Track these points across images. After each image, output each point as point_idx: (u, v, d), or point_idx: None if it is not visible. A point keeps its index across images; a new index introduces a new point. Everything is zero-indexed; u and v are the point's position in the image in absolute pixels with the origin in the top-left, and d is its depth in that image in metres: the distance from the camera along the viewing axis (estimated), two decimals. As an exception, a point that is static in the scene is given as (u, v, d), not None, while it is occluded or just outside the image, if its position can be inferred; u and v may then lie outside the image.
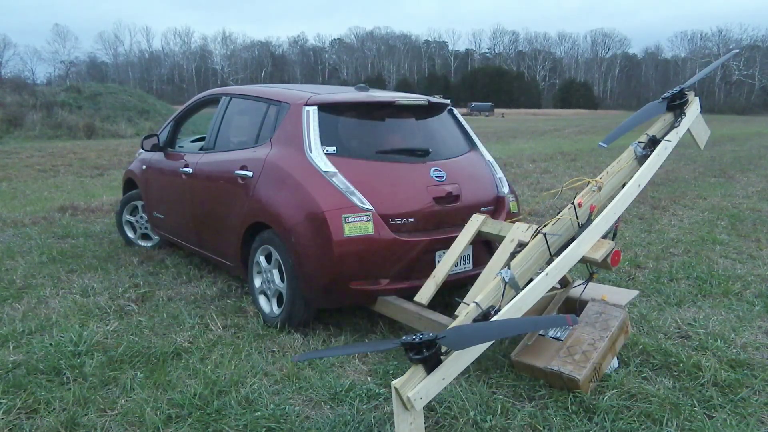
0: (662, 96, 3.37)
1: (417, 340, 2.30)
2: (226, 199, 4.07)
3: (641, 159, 3.21)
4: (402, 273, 3.49)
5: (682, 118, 3.28)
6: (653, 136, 3.25)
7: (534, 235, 2.99)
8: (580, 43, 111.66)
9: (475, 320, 2.49)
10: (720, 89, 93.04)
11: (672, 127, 3.27)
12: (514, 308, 2.56)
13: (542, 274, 2.67)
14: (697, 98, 3.40)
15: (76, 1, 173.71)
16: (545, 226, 2.96)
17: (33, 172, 11.42)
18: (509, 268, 2.77)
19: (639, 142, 3.27)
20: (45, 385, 2.90)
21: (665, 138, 3.22)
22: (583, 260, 2.91)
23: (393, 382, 2.32)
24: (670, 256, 5.39)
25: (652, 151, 3.20)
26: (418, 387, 2.32)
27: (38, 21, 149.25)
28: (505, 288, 2.67)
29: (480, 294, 2.73)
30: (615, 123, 38.57)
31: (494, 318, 2.50)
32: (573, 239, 2.90)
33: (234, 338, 3.55)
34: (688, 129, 3.36)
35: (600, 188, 3.11)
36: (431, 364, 2.36)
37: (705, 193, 8.95)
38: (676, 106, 3.31)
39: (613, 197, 3.04)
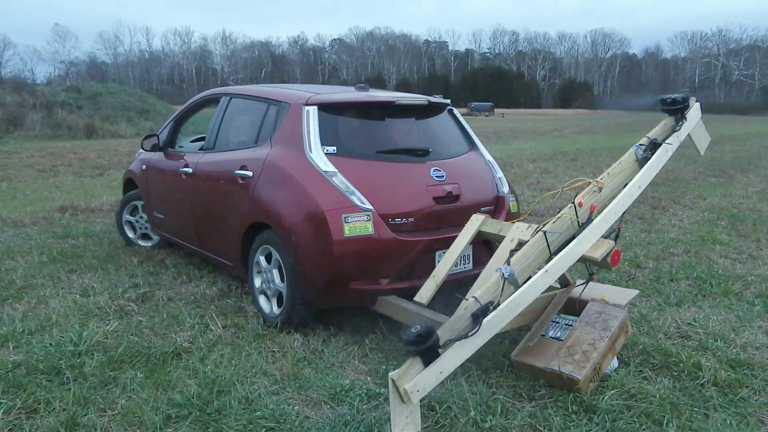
0: (661, 98, 3.40)
1: (415, 331, 2.30)
2: (226, 199, 4.07)
3: (642, 161, 3.24)
4: (402, 273, 3.48)
5: (683, 122, 3.31)
6: (654, 139, 3.28)
7: (534, 234, 2.99)
8: (580, 43, 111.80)
9: (473, 315, 2.49)
10: (720, 89, 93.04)
11: (673, 130, 3.30)
12: (513, 304, 2.57)
13: (541, 271, 2.68)
14: (698, 104, 3.42)
15: (76, 1, 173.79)
16: (545, 224, 2.97)
17: (33, 172, 11.42)
18: (509, 264, 2.78)
19: (640, 144, 3.30)
20: (45, 385, 2.90)
21: (666, 141, 3.25)
22: (583, 259, 2.91)
23: (390, 374, 2.32)
24: (670, 256, 5.39)
25: (653, 153, 3.22)
26: (415, 380, 2.31)
27: (38, 21, 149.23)
28: (504, 284, 2.68)
29: (479, 289, 2.72)
30: (616, 123, 38.57)
31: (492, 314, 2.50)
32: (573, 238, 2.90)
33: (234, 338, 3.55)
34: (689, 134, 3.39)
35: (600, 189, 3.12)
36: (428, 357, 2.36)
37: (705, 193, 8.95)
38: (678, 110, 3.33)
39: (613, 198, 3.05)
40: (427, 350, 2.34)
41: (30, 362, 3.12)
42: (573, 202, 2.99)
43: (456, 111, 4.33)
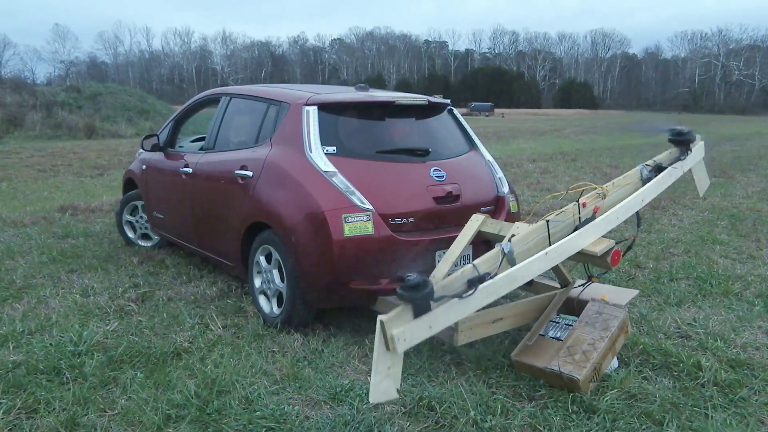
0: (670, 128, 3.65)
1: (410, 278, 2.32)
2: (226, 199, 4.07)
3: (646, 181, 3.40)
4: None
5: (688, 154, 3.53)
6: (660, 163, 3.48)
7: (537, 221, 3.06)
8: (580, 43, 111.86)
9: (469, 281, 2.53)
10: (720, 89, 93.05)
11: (678, 159, 3.51)
12: (509, 277, 2.62)
13: (542, 252, 2.73)
14: (703, 142, 3.67)
15: (76, 1, 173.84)
16: (549, 215, 3.03)
17: (33, 172, 11.42)
18: (510, 242, 2.83)
19: (647, 164, 3.49)
20: (45, 385, 2.90)
21: (672, 166, 3.45)
22: (583, 254, 2.94)
23: (380, 316, 2.30)
24: (670, 256, 5.39)
25: (657, 176, 3.40)
26: (404, 328, 2.31)
27: (38, 21, 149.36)
28: (503, 260, 2.73)
29: (479, 258, 2.78)
30: (615, 123, 38.59)
31: (488, 282, 2.55)
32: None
33: (234, 338, 3.55)
34: (692, 171, 3.65)
35: (605, 196, 3.20)
36: (419, 308, 2.36)
37: (705, 193, 8.93)
38: (683, 142, 3.56)
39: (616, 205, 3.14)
40: (420, 300, 2.35)
41: (30, 362, 3.12)
42: (577, 201, 3.05)
43: (456, 111, 4.33)
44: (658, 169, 3.44)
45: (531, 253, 2.87)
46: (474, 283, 2.50)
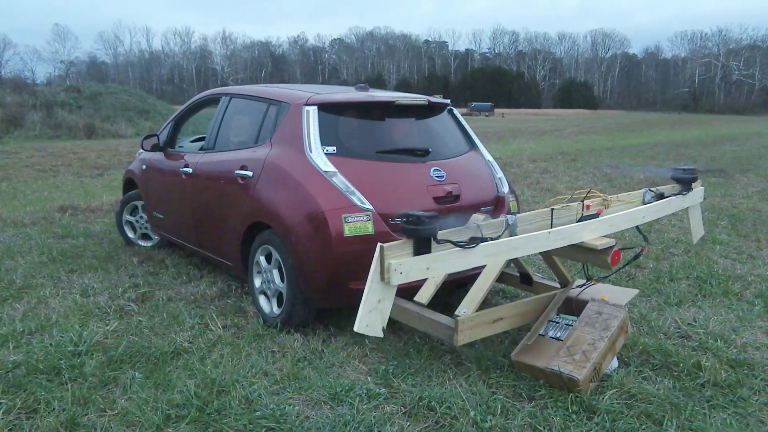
0: (673, 167, 3.92)
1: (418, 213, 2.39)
2: (226, 199, 4.07)
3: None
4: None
5: (689, 192, 3.75)
6: (662, 192, 3.69)
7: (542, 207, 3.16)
8: (580, 43, 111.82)
9: (472, 237, 2.62)
10: (720, 89, 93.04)
11: (680, 193, 3.73)
12: (509, 243, 2.70)
13: (544, 231, 2.81)
14: (702, 188, 3.93)
15: (76, 1, 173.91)
16: (554, 207, 3.09)
17: (33, 172, 11.42)
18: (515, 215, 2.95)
19: (650, 190, 3.66)
20: (45, 385, 2.90)
21: (674, 195, 3.67)
22: (583, 248, 2.97)
23: (380, 243, 2.32)
24: (670, 256, 5.39)
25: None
26: (402, 260, 2.33)
27: (38, 21, 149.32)
28: (505, 229, 2.84)
29: (483, 222, 2.88)
30: (616, 123, 38.59)
31: (489, 242, 2.64)
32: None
33: (234, 338, 3.55)
34: (688, 214, 3.90)
35: (608, 205, 3.31)
36: (420, 245, 2.40)
37: (705, 193, 8.92)
38: (685, 180, 3.76)
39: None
40: (422, 235, 2.39)
41: (30, 362, 3.12)
42: (582, 201, 3.10)
43: (456, 111, 4.33)
44: (660, 197, 3.62)
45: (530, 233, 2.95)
46: (476, 239, 2.59)
